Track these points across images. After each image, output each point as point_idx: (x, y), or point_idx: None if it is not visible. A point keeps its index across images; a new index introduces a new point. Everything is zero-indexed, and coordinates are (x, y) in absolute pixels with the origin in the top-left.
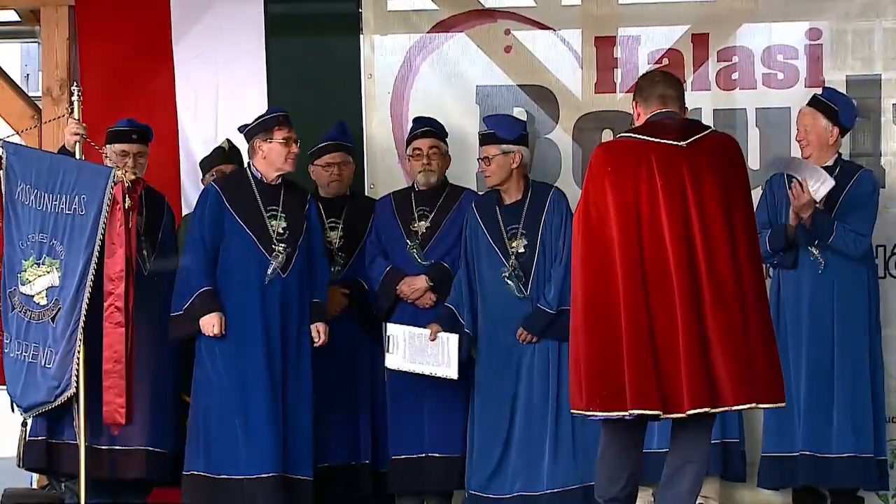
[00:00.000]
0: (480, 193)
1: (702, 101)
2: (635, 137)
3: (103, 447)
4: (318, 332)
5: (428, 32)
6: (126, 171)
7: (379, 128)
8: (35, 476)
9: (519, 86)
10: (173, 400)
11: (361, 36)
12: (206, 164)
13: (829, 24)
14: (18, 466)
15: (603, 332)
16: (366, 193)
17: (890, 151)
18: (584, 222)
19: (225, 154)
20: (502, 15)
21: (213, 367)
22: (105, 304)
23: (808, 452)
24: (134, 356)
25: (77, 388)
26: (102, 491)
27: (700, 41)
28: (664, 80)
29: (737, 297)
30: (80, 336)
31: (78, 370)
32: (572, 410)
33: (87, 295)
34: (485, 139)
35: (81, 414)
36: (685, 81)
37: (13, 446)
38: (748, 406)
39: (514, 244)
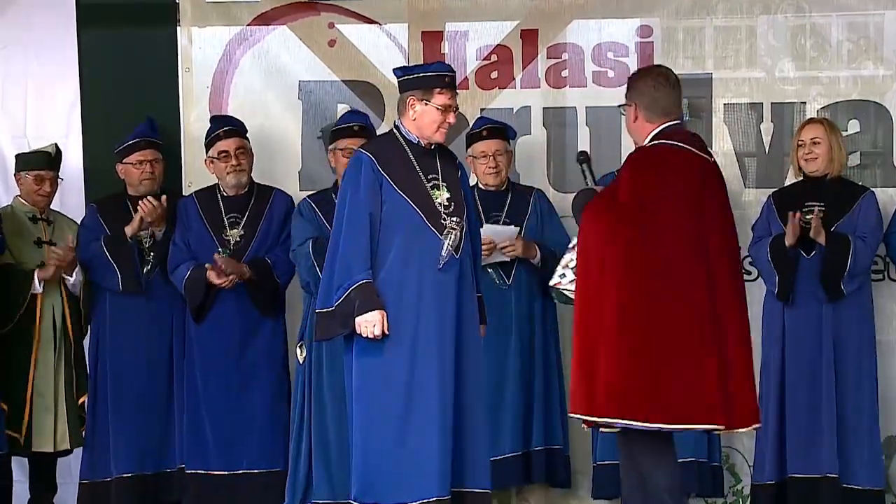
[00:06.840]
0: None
1: (531, 100)
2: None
3: None
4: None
5: (248, 25)
6: None
7: (197, 123)
8: None
9: (343, 81)
10: None
11: (179, 27)
12: (25, 164)
13: (660, 21)
14: None
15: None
16: (183, 192)
17: (721, 151)
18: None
19: (49, 159)
20: (326, 8)
21: (379, 375)
22: None
23: None
24: None
25: None
26: None
27: (529, 37)
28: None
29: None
30: None
31: None
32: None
33: None
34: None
35: None
36: (514, 79)
37: None
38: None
39: None
